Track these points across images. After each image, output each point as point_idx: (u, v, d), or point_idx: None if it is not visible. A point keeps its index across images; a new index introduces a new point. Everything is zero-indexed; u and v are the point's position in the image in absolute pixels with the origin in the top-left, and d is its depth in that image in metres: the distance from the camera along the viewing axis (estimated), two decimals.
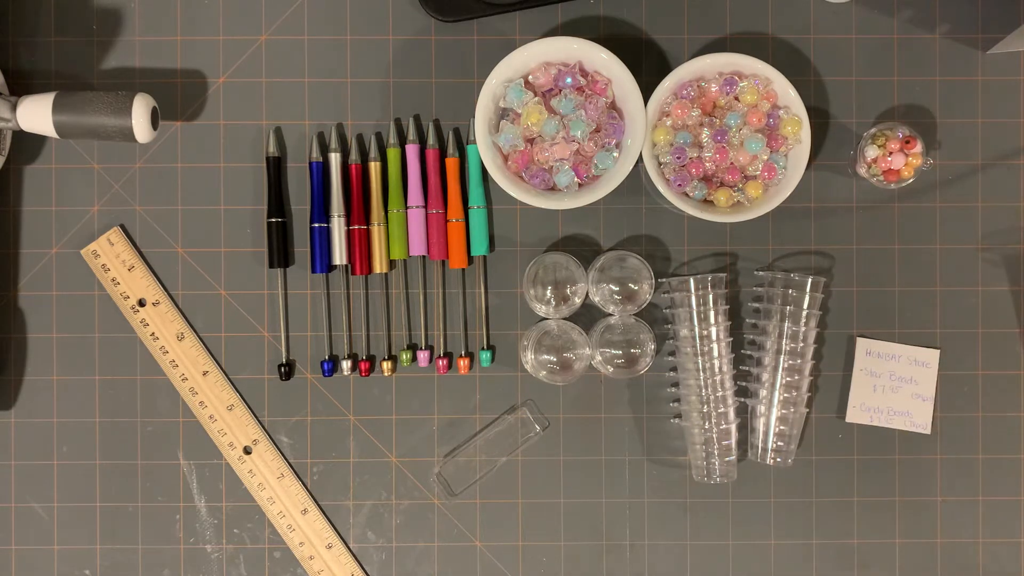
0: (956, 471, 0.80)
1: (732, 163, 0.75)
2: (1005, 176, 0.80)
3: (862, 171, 0.77)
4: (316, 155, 0.78)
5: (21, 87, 0.78)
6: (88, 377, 0.79)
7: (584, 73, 0.76)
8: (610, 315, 0.78)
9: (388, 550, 0.79)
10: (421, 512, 0.79)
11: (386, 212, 0.78)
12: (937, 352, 0.80)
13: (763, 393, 0.77)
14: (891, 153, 0.76)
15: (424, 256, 0.79)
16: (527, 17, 0.79)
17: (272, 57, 0.79)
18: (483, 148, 0.75)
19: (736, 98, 0.76)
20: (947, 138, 0.80)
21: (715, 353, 0.76)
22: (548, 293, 0.78)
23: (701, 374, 0.76)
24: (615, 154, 0.75)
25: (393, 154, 0.78)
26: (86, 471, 0.79)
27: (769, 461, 0.77)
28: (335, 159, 0.78)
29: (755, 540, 0.80)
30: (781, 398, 0.77)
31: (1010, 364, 0.80)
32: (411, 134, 0.78)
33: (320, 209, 0.77)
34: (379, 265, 0.78)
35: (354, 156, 0.78)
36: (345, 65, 0.79)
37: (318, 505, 0.79)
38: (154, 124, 0.72)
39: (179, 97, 0.79)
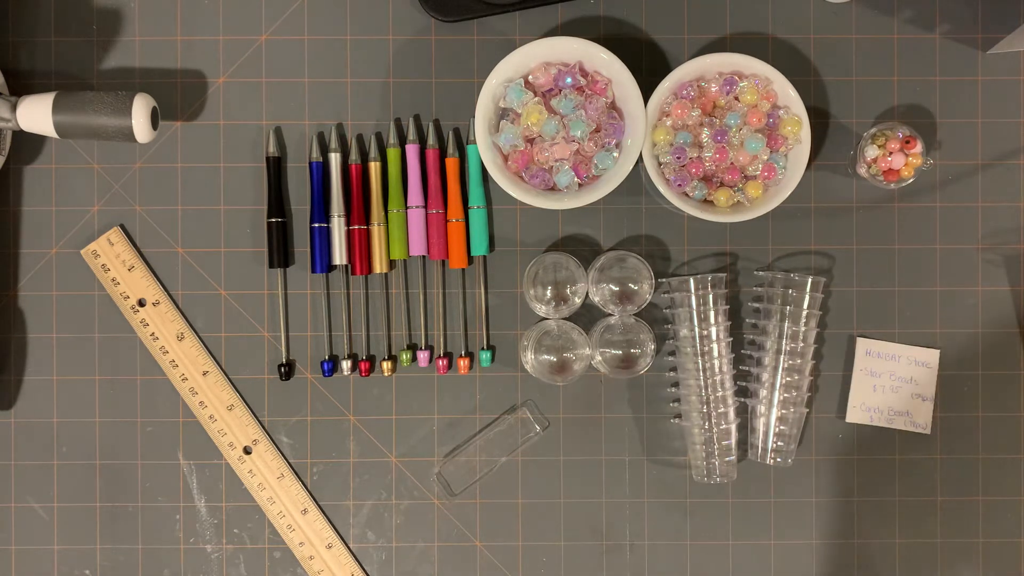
0: (956, 471, 0.80)
1: (732, 163, 0.75)
2: (1005, 176, 0.80)
3: (862, 171, 0.77)
4: (316, 155, 0.78)
5: (21, 87, 0.78)
6: (88, 377, 0.79)
7: (584, 73, 0.76)
8: (610, 315, 0.78)
9: (388, 550, 0.79)
10: (421, 512, 0.79)
11: (386, 212, 0.78)
12: (937, 352, 0.80)
13: (763, 393, 0.77)
14: (891, 153, 0.76)
15: (424, 256, 0.79)
16: (527, 17, 0.79)
17: (272, 57, 0.79)
18: (483, 148, 0.75)
19: (736, 98, 0.76)
20: (947, 138, 0.80)
21: (715, 353, 0.76)
22: (548, 293, 0.78)
23: (701, 374, 0.76)
24: (615, 154, 0.75)
25: (393, 154, 0.78)
26: (86, 471, 0.79)
27: (769, 461, 0.77)
28: (335, 159, 0.78)
29: (755, 540, 0.80)
30: (781, 398, 0.77)
31: (1010, 364, 0.80)
32: (411, 134, 0.78)
33: (320, 209, 0.77)
34: (379, 265, 0.78)
35: (354, 156, 0.78)
36: (345, 65, 0.79)
37: (318, 505, 0.79)
38: (154, 124, 0.72)
39: (179, 97, 0.79)
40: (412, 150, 0.78)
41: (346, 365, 0.78)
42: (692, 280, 0.76)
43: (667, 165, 0.76)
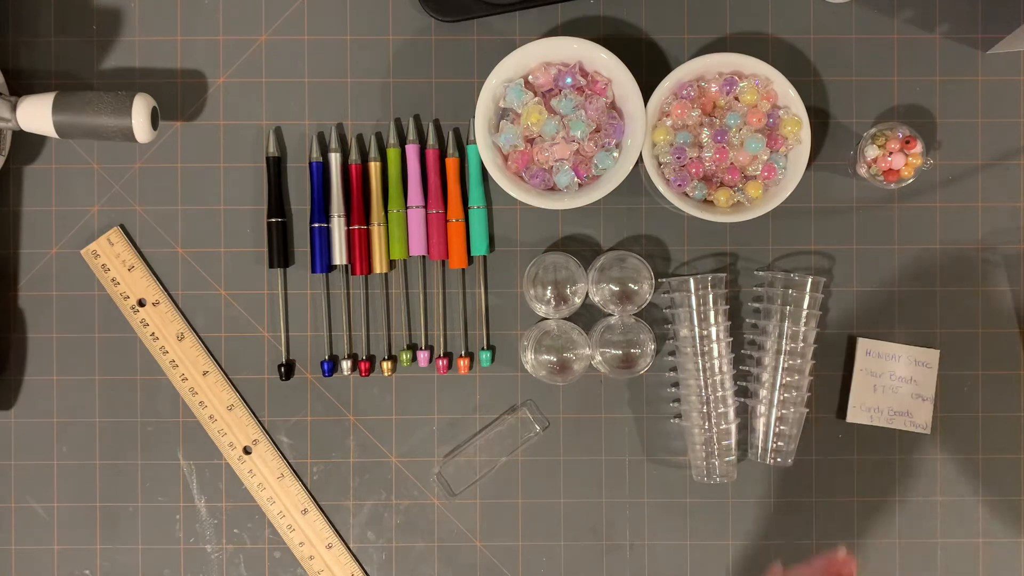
0: (956, 471, 0.80)
1: (732, 163, 0.75)
2: (1005, 176, 0.80)
3: (862, 171, 0.77)
4: (316, 155, 0.78)
5: (21, 87, 0.78)
6: (88, 377, 0.79)
7: (584, 73, 0.76)
8: (610, 315, 0.78)
9: (388, 550, 0.79)
10: (421, 512, 0.79)
11: (386, 212, 0.78)
12: (937, 352, 0.80)
13: (763, 393, 0.77)
14: (891, 153, 0.76)
15: (424, 256, 0.79)
16: (527, 17, 0.79)
17: (272, 57, 0.79)
18: (483, 148, 0.75)
19: (736, 98, 0.76)
20: (947, 138, 0.80)
21: (715, 353, 0.76)
22: (548, 293, 0.78)
23: (701, 374, 0.76)
24: (615, 154, 0.75)
25: (393, 154, 0.78)
26: (86, 471, 0.79)
27: (769, 461, 0.77)
28: (335, 159, 0.78)
29: (755, 540, 0.80)
30: (781, 398, 0.77)
31: (1010, 364, 0.80)
32: (411, 134, 0.78)
33: (320, 209, 0.77)
34: (379, 265, 0.78)
35: (354, 156, 0.78)
36: (345, 65, 0.79)
37: (318, 505, 0.79)
38: (154, 124, 0.72)
39: (179, 97, 0.79)
40: (412, 150, 0.78)
41: (346, 365, 0.78)
42: (692, 280, 0.76)
43: (667, 165, 0.76)
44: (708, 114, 0.76)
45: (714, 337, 0.76)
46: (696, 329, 0.76)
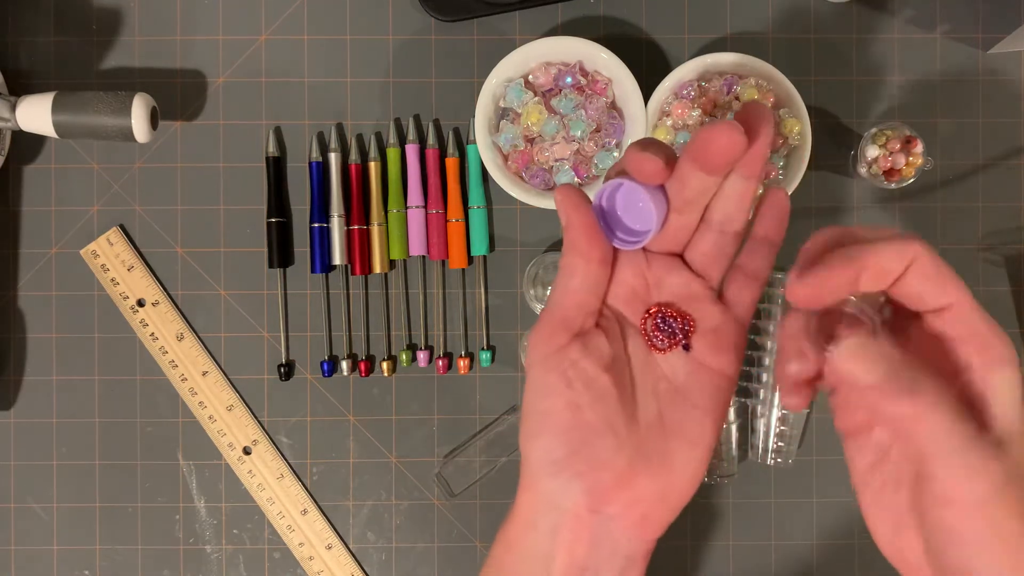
0: None
1: None
2: (1005, 176, 0.80)
3: (862, 171, 0.77)
4: (316, 155, 0.78)
5: (21, 87, 0.78)
6: (88, 377, 0.79)
7: (584, 73, 0.76)
8: None
9: (388, 550, 0.79)
10: (421, 512, 0.79)
11: (386, 212, 0.78)
12: None
13: (763, 393, 0.77)
14: (892, 153, 0.76)
15: (424, 256, 0.79)
16: (527, 17, 0.79)
17: (272, 57, 0.79)
18: (483, 148, 0.75)
19: (736, 98, 0.76)
20: (947, 138, 0.80)
21: None
22: (548, 293, 0.78)
23: None
24: (615, 154, 0.75)
25: (393, 154, 0.78)
26: (86, 471, 0.79)
27: (769, 461, 0.77)
28: (335, 159, 0.78)
29: (755, 540, 0.80)
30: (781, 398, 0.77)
31: None
32: (411, 134, 0.78)
33: (320, 209, 0.77)
34: (379, 265, 0.78)
35: (354, 156, 0.78)
36: (345, 65, 0.79)
37: (318, 506, 0.79)
38: (154, 124, 0.72)
39: (179, 97, 0.79)
40: (412, 150, 0.78)
41: (346, 365, 0.78)
42: None
43: None
44: (708, 114, 0.76)
45: None
46: None
